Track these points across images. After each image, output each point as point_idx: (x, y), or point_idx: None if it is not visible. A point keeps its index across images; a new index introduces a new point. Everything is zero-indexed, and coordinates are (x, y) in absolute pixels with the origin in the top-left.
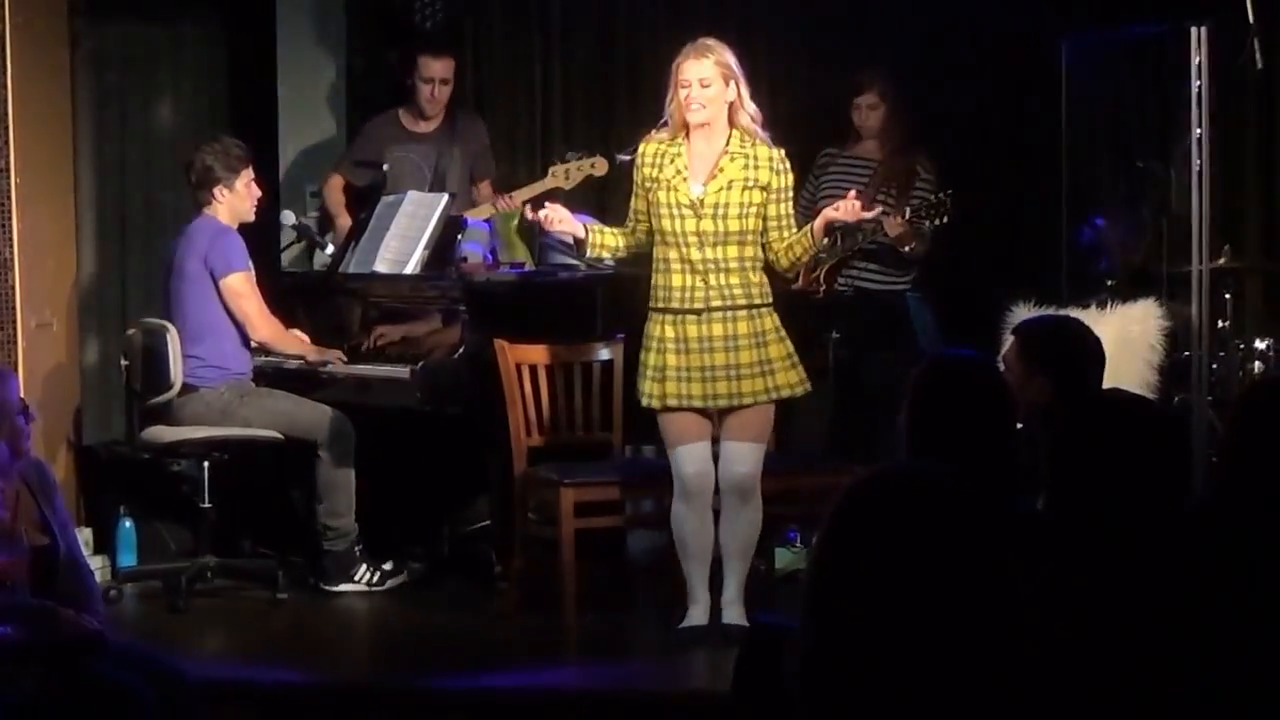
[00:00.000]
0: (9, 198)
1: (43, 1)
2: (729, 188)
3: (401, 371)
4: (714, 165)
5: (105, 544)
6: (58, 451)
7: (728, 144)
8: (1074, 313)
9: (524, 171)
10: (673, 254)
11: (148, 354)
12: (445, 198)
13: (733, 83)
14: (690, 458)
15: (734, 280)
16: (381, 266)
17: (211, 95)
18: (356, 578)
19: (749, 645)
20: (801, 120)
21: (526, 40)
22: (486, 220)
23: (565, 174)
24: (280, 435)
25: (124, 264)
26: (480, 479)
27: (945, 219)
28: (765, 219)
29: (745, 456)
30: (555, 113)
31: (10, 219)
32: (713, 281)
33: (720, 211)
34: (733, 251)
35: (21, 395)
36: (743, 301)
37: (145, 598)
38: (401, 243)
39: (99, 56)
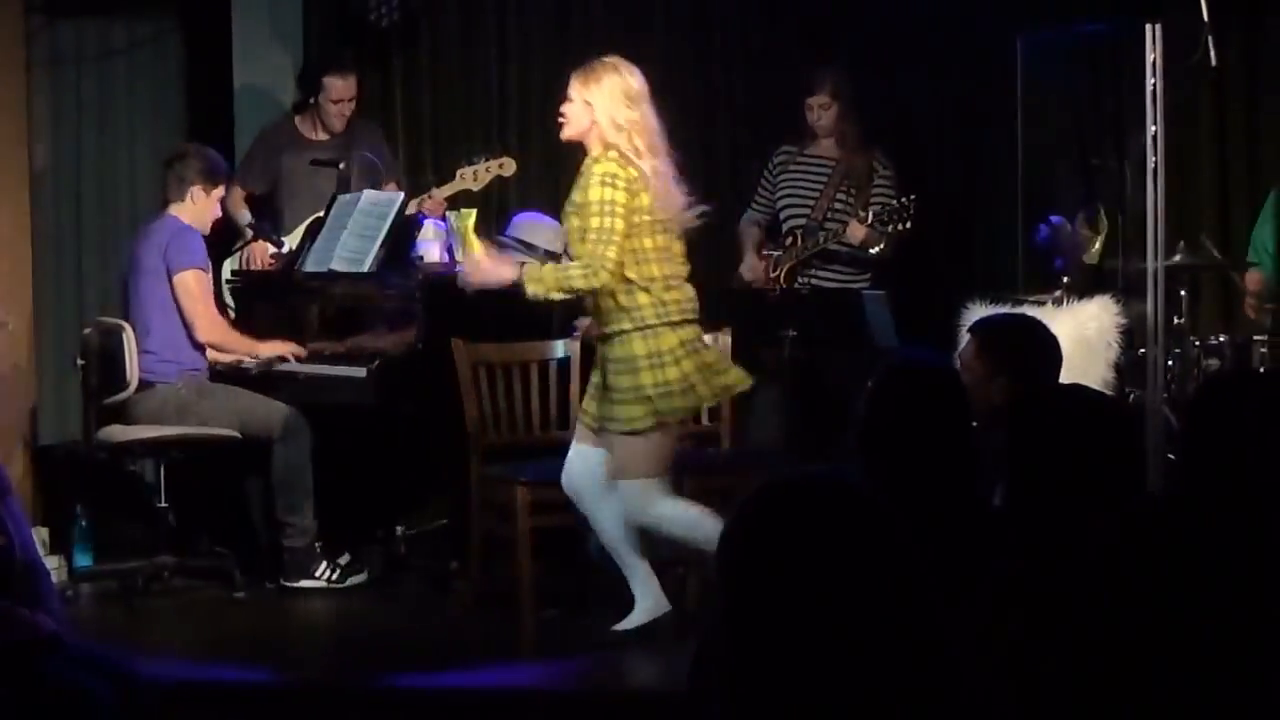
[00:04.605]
0: None
1: None
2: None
3: (358, 371)
4: None
5: (62, 544)
6: (14, 451)
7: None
8: (1030, 310)
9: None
10: None
11: (104, 353)
12: (400, 196)
13: (590, 110)
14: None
15: (599, 304)
16: (338, 265)
17: (168, 92)
18: (317, 574)
19: (704, 644)
20: (758, 118)
21: (483, 40)
22: (442, 218)
23: (474, 175)
24: (237, 434)
25: (80, 263)
26: (437, 478)
27: (908, 225)
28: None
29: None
30: (511, 112)
31: None
32: (589, 307)
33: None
34: None
35: None
36: (609, 330)
37: (102, 597)
38: (358, 241)
39: (55, 54)
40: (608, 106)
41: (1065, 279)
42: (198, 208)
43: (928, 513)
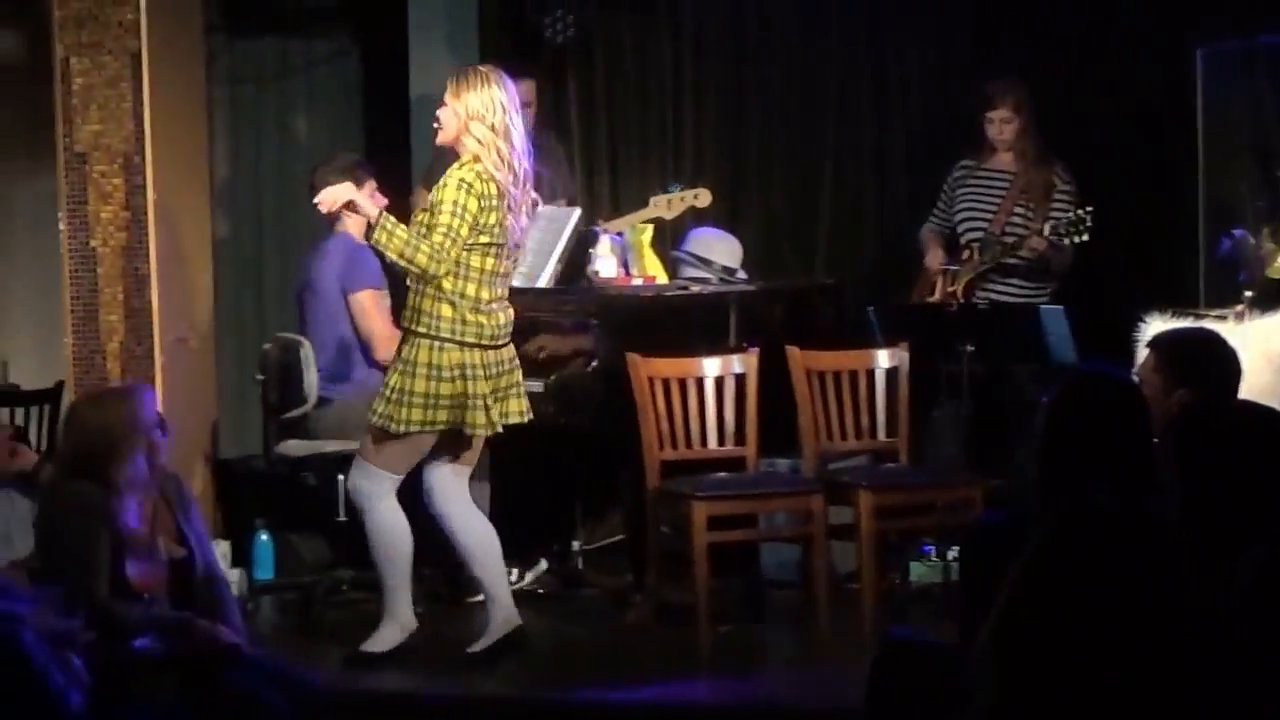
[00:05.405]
0: (146, 214)
1: (179, 18)
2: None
3: (535, 385)
4: None
5: (242, 557)
6: (195, 465)
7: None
8: (1211, 324)
9: (656, 188)
10: None
11: (283, 368)
12: (577, 211)
13: (457, 118)
14: None
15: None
16: (515, 280)
17: (345, 108)
18: None
19: (883, 657)
20: (936, 131)
21: (657, 56)
22: (619, 234)
23: (667, 204)
24: None
25: (260, 279)
26: (613, 492)
27: (1086, 236)
28: None
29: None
30: (686, 128)
31: (148, 235)
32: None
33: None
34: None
35: (159, 409)
36: (405, 326)
37: (281, 610)
38: (534, 257)
39: (235, 72)
40: (473, 116)
41: (1248, 293)
42: (358, 218)
43: (1105, 526)
